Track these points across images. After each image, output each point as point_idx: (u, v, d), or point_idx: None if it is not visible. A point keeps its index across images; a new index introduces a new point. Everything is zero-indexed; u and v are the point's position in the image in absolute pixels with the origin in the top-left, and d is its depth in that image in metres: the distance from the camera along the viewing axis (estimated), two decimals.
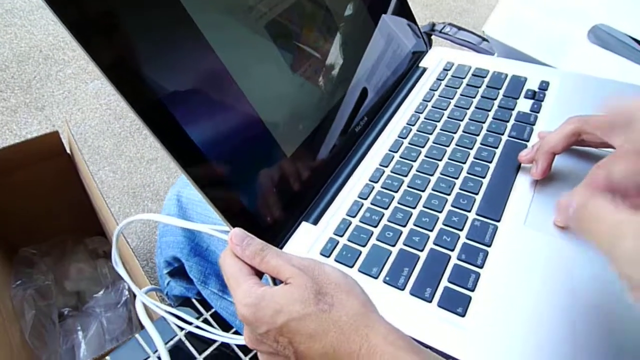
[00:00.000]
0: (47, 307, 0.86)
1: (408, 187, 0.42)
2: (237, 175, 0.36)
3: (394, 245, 0.38)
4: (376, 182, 0.43)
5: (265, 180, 0.38)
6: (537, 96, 0.51)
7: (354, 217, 0.40)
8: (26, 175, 0.89)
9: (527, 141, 0.45)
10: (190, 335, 0.48)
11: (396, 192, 0.42)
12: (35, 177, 0.90)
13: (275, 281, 0.33)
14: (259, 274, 0.33)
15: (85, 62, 1.63)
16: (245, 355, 0.46)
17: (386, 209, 0.41)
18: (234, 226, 0.34)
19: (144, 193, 1.28)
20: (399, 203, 0.41)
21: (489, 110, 0.49)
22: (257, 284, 0.31)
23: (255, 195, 0.37)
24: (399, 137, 0.48)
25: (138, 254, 1.14)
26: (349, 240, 0.38)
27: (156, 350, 0.46)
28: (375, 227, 0.39)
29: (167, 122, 0.32)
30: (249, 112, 0.38)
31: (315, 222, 0.40)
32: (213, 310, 0.50)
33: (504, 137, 0.46)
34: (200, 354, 0.47)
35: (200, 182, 0.34)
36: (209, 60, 0.35)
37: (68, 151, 0.92)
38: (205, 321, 0.49)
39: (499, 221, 0.39)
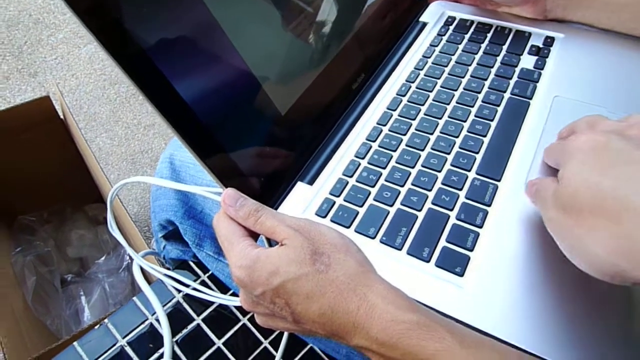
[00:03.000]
0: (49, 273, 0.86)
1: (406, 146, 0.41)
2: (229, 134, 0.35)
3: (391, 205, 0.37)
4: (374, 141, 0.42)
5: (259, 139, 0.37)
6: (542, 52, 0.48)
7: (350, 176, 0.39)
8: (20, 142, 0.87)
9: (530, 99, 0.44)
10: (187, 298, 0.48)
11: (394, 151, 0.41)
12: (30, 143, 0.89)
13: (271, 242, 0.33)
14: (254, 236, 0.32)
15: (77, 25, 1.58)
16: (244, 316, 0.47)
17: (384, 168, 0.39)
18: (227, 187, 0.33)
19: (142, 159, 1.27)
20: (397, 162, 0.40)
21: (491, 67, 0.48)
22: (251, 246, 0.30)
23: (248, 155, 0.36)
24: (397, 94, 0.46)
25: (139, 220, 1.14)
26: (345, 201, 0.38)
27: (154, 313, 0.46)
28: (373, 187, 0.38)
29: (156, 79, 0.31)
30: (241, 68, 0.36)
31: (311, 182, 0.39)
32: (210, 272, 0.50)
33: (507, 95, 0.45)
34: (198, 315, 0.47)
35: (192, 142, 0.32)
36: (200, 14, 0.34)
37: (61, 117, 0.91)
38: (203, 283, 0.49)
39: (499, 181, 0.38)
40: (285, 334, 0.43)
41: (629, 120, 0.29)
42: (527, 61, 0.48)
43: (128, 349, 0.44)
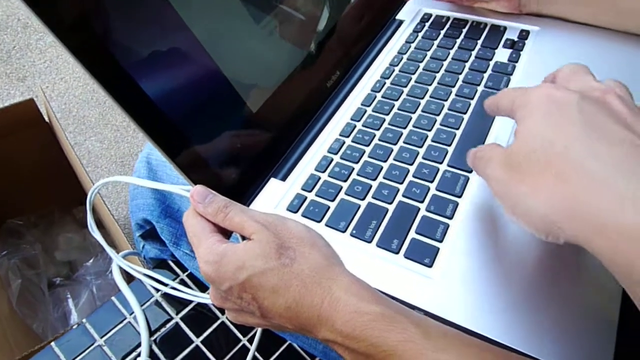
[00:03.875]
0: (36, 276, 0.86)
1: (379, 140, 0.41)
2: (197, 131, 0.35)
3: (362, 199, 0.37)
4: (347, 137, 0.42)
5: (229, 136, 0.37)
6: (516, 45, 0.49)
7: (323, 172, 0.39)
8: (6, 145, 0.87)
9: None
10: (166, 297, 0.48)
11: (367, 146, 0.41)
12: (16, 147, 0.89)
13: (244, 239, 0.33)
14: (225, 232, 0.32)
15: None
16: (222, 314, 0.47)
17: (356, 163, 0.40)
18: (196, 184, 0.33)
19: (131, 162, 1.27)
20: (369, 157, 0.40)
21: (466, 62, 0.48)
22: (219, 242, 0.30)
23: (218, 152, 0.36)
24: (371, 91, 0.46)
25: (127, 223, 1.14)
26: (317, 196, 0.38)
27: (132, 312, 0.46)
28: (345, 181, 0.38)
29: (120, 77, 0.31)
30: (209, 65, 0.36)
31: (284, 179, 0.39)
32: (189, 271, 0.50)
33: (480, 88, 0.45)
34: (177, 314, 0.47)
35: (159, 139, 0.33)
36: (163, 10, 0.34)
37: (47, 120, 0.90)
38: (182, 282, 0.49)
39: (471, 172, 0.38)
40: (259, 330, 0.43)
41: (606, 84, 0.28)
42: (502, 55, 0.48)
43: (106, 349, 0.44)
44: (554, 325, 0.29)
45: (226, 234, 0.32)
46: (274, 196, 0.38)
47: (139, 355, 0.43)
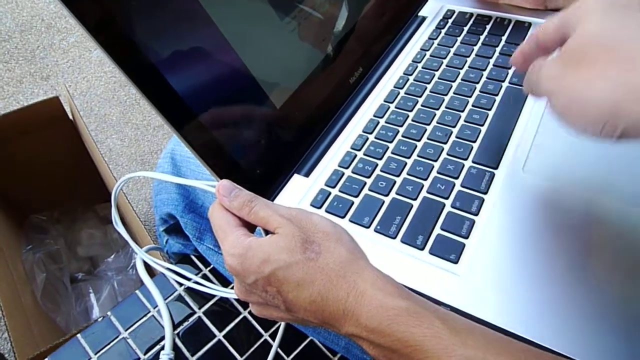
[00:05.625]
0: (59, 270, 0.88)
1: (403, 137, 0.41)
2: (223, 128, 0.35)
3: (386, 195, 0.37)
4: (370, 133, 0.42)
5: (254, 132, 0.37)
6: None
7: (346, 168, 0.39)
8: (31, 142, 0.89)
9: None
10: (189, 291, 0.48)
11: (390, 142, 0.41)
12: (41, 144, 0.91)
13: (267, 233, 0.33)
14: (249, 227, 0.32)
15: None
16: (244, 309, 0.47)
17: (380, 159, 0.39)
18: (222, 179, 0.33)
19: (151, 160, 1.29)
20: (393, 153, 0.40)
21: (490, 58, 0.47)
22: (244, 235, 0.30)
23: (243, 147, 0.36)
24: (395, 87, 0.46)
25: (148, 219, 1.16)
26: (340, 191, 0.38)
27: (156, 306, 0.47)
28: (368, 177, 0.38)
29: (150, 73, 0.31)
30: (234, 61, 0.36)
31: (307, 174, 0.39)
32: (211, 266, 0.50)
33: (505, 84, 0.44)
34: (199, 308, 0.47)
35: (187, 136, 0.33)
36: (191, 7, 0.34)
37: (71, 118, 0.92)
38: (204, 277, 0.49)
39: (496, 168, 0.37)
40: (283, 324, 0.43)
41: None
42: None
43: (130, 341, 0.45)
44: (588, 324, 0.28)
45: (251, 228, 0.32)
46: (298, 192, 0.38)
47: (162, 348, 0.44)
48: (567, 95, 0.26)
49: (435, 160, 0.39)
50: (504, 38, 0.49)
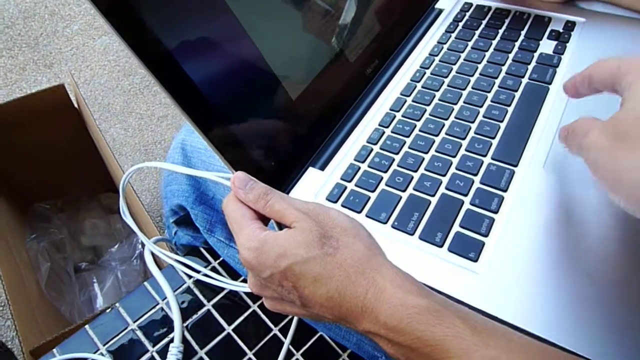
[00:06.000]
0: (63, 259, 0.88)
1: (420, 131, 0.40)
2: (238, 118, 0.34)
3: (404, 191, 0.36)
4: (386, 127, 0.41)
5: (269, 124, 0.37)
6: (562, 37, 0.47)
7: (362, 162, 0.39)
8: (35, 130, 0.88)
9: (549, 84, 0.43)
10: (198, 283, 0.48)
11: (407, 137, 0.40)
12: (45, 132, 0.90)
13: (281, 226, 0.32)
14: (264, 220, 0.32)
15: (92, 17, 1.60)
16: (254, 303, 0.46)
17: (397, 154, 0.39)
18: (237, 171, 0.32)
19: (155, 150, 1.28)
20: (410, 148, 0.39)
21: (509, 53, 0.46)
22: (260, 228, 0.30)
23: (258, 139, 0.36)
24: (411, 80, 0.45)
25: (152, 210, 1.15)
26: (356, 186, 0.37)
27: (165, 298, 0.46)
28: (385, 172, 0.38)
29: (167, 63, 0.30)
30: (252, 52, 0.36)
31: (323, 168, 0.39)
32: (221, 259, 0.49)
33: (524, 80, 0.43)
34: (208, 301, 0.47)
35: (203, 126, 0.32)
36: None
37: (76, 106, 0.91)
38: (214, 269, 0.49)
39: (516, 166, 0.37)
40: (295, 320, 0.43)
41: None
42: (547, 46, 0.46)
43: (139, 333, 0.45)
44: (610, 326, 0.28)
45: (265, 222, 0.32)
46: (313, 185, 0.38)
47: (171, 340, 0.43)
48: (614, 173, 0.25)
49: (454, 156, 0.38)
50: (523, 33, 0.48)
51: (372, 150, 0.39)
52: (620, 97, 0.27)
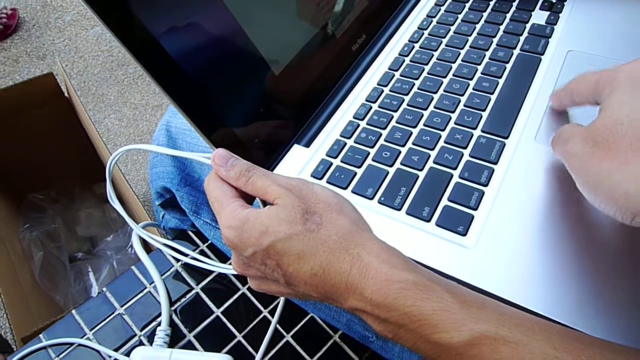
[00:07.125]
0: (57, 249, 0.87)
1: (408, 105, 0.39)
2: (219, 94, 0.33)
3: (391, 166, 0.35)
4: (374, 102, 0.40)
5: (251, 99, 0.35)
6: (555, 7, 0.46)
7: (348, 138, 0.37)
8: (26, 120, 0.87)
9: (542, 54, 0.41)
10: (186, 267, 0.47)
11: (395, 111, 0.39)
12: (36, 121, 0.89)
13: (265, 204, 0.31)
14: (247, 198, 0.31)
15: (84, 8, 1.58)
16: (243, 285, 0.46)
17: (384, 129, 0.38)
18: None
19: (150, 140, 1.27)
20: (397, 122, 0.38)
21: (500, 24, 0.45)
22: (241, 206, 0.29)
23: (240, 116, 0.35)
24: (399, 54, 0.44)
25: (147, 199, 1.15)
26: (342, 162, 0.36)
27: (152, 282, 0.45)
28: (372, 147, 0.36)
29: (141, 36, 0.29)
30: (232, 26, 0.34)
31: (308, 145, 0.38)
32: (209, 241, 0.49)
33: (516, 51, 0.42)
34: (197, 284, 0.46)
35: (182, 102, 0.31)
36: None
37: (66, 95, 0.90)
38: (202, 252, 0.48)
39: (507, 138, 0.35)
40: (282, 300, 0.42)
41: None
42: (539, 17, 0.45)
43: (126, 317, 0.44)
44: (599, 296, 0.27)
45: (249, 200, 0.31)
46: (298, 162, 0.37)
47: (159, 324, 0.43)
48: (593, 178, 0.25)
49: (443, 130, 0.37)
50: (514, 4, 0.47)
51: (358, 125, 0.38)
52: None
